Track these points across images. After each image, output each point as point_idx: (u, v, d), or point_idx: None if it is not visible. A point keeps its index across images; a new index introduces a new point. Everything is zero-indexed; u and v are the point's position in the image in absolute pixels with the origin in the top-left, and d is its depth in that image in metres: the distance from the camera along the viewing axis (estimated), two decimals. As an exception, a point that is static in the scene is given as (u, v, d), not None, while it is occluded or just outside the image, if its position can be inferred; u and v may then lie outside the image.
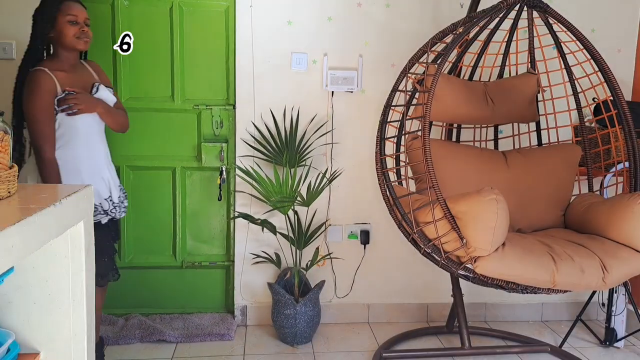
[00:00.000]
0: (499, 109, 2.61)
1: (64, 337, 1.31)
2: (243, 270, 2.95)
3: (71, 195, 1.24)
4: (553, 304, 3.17)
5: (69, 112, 2.08)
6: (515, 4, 2.35)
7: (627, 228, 2.13)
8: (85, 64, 2.29)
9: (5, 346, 1.21)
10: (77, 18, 2.11)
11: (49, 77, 2.06)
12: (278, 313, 2.75)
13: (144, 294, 2.99)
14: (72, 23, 2.10)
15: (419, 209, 2.14)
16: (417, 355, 2.63)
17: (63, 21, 2.09)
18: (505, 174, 2.58)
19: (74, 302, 1.30)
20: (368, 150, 2.86)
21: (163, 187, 2.94)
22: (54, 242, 1.24)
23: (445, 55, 2.20)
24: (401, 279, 3.06)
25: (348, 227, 2.99)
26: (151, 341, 2.74)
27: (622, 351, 2.80)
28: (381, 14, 2.86)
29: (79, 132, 2.14)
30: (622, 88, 2.40)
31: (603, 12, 2.99)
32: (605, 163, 2.67)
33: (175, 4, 2.79)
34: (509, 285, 2.10)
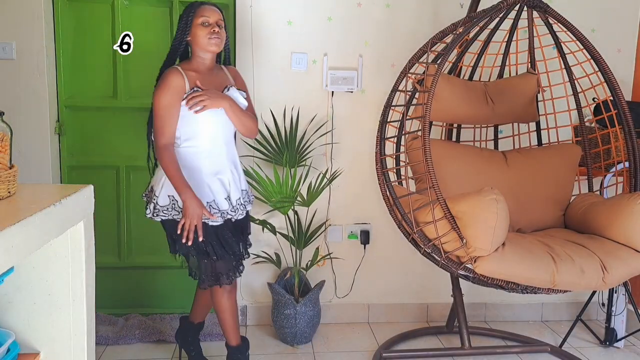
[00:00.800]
0: (499, 109, 2.61)
1: (64, 337, 1.32)
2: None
3: (71, 195, 1.24)
4: (553, 304, 3.17)
5: (195, 108, 2.07)
6: (515, 4, 2.35)
7: (627, 228, 2.13)
8: (224, 69, 2.30)
9: (5, 346, 1.22)
10: (209, 20, 2.13)
11: (179, 75, 2.11)
12: (278, 313, 2.75)
13: (144, 294, 2.99)
14: (205, 25, 2.12)
15: (419, 209, 2.14)
16: (417, 355, 2.63)
17: (197, 24, 2.13)
18: (505, 174, 2.58)
19: (74, 302, 1.30)
20: (368, 151, 2.86)
21: (163, 187, 2.94)
22: (54, 242, 1.24)
23: (445, 55, 2.20)
24: (401, 279, 3.06)
25: (348, 227, 2.99)
26: (151, 341, 2.74)
27: (622, 351, 2.80)
28: (381, 14, 2.86)
29: (203, 131, 2.13)
30: (622, 88, 2.40)
31: (603, 12, 2.99)
32: (605, 163, 2.67)
33: (175, 4, 2.79)
34: (509, 285, 2.10)
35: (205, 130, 2.14)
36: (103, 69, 2.82)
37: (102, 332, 2.72)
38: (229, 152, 2.21)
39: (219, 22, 2.15)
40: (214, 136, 2.16)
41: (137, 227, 2.95)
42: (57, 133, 2.80)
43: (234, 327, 2.28)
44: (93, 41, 2.79)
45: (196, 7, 2.17)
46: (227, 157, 2.20)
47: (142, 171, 2.92)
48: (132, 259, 2.97)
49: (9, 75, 2.66)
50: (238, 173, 2.25)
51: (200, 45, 2.15)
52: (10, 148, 1.24)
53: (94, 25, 2.79)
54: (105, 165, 2.89)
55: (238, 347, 2.30)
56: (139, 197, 2.93)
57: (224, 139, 2.19)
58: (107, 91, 2.84)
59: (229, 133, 2.21)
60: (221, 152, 2.18)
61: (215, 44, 2.13)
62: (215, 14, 2.16)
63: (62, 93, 2.80)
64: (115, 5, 2.77)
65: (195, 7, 2.17)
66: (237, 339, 2.30)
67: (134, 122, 2.87)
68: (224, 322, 2.28)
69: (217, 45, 2.14)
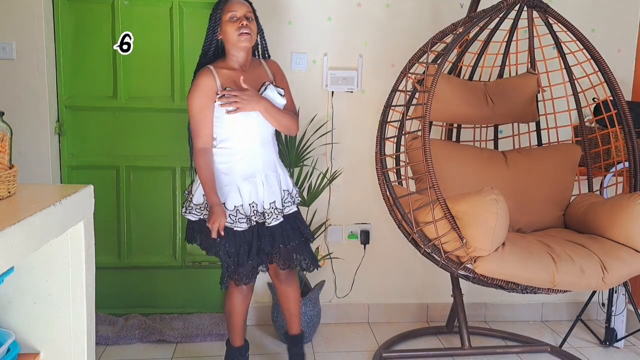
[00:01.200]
0: (499, 109, 2.61)
1: (64, 337, 1.32)
2: (243, 270, 2.94)
3: (71, 195, 1.24)
4: (553, 304, 3.17)
5: (228, 108, 2.04)
6: (515, 4, 2.35)
7: (627, 228, 2.13)
8: (263, 63, 2.22)
9: (5, 346, 1.22)
10: (237, 14, 2.07)
11: (210, 75, 2.07)
12: (278, 313, 2.75)
13: (144, 294, 2.99)
14: (233, 20, 2.07)
15: (419, 209, 2.14)
16: (417, 355, 2.63)
17: (225, 20, 2.08)
18: (505, 174, 2.58)
19: (74, 302, 1.30)
20: (368, 151, 2.86)
21: (163, 187, 2.94)
22: (54, 242, 1.24)
23: (445, 55, 2.20)
24: (401, 279, 3.06)
25: (348, 227, 2.99)
26: (151, 341, 2.74)
27: (622, 351, 2.80)
28: (381, 14, 2.86)
29: (237, 133, 2.09)
30: (622, 88, 2.40)
31: (603, 12, 2.99)
32: (605, 163, 2.67)
33: (175, 4, 2.79)
34: (509, 285, 2.10)
35: (240, 132, 2.10)
36: (103, 69, 2.82)
37: (102, 332, 2.71)
38: (266, 154, 2.14)
39: (247, 14, 2.09)
40: (249, 138, 2.11)
41: (137, 227, 2.95)
42: (57, 133, 2.80)
43: (240, 330, 2.30)
44: (93, 41, 2.79)
45: (223, 2, 2.11)
46: (262, 159, 2.13)
47: (142, 171, 2.92)
48: (132, 259, 2.97)
49: (9, 75, 2.66)
50: (277, 174, 2.17)
51: (230, 42, 2.09)
52: (10, 148, 1.24)
53: (94, 25, 2.79)
54: (105, 165, 2.89)
55: (239, 348, 2.33)
56: (139, 197, 2.94)
57: (261, 140, 2.13)
58: (107, 91, 2.84)
59: (266, 134, 2.14)
60: (256, 155, 2.11)
61: (246, 39, 2.06)
62: (243, 7, 2.10)
63: (62, 93, 2.80)
64: (115, 5, 2.77)
65: (222, 2, 2.11)
66: (241, 341, 2.32)
67: (134, 122, 2.88)
68: (232, 324, 2.29)
69: (247, 41, 2.07)
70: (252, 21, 2.11)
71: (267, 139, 2.16)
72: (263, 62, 2.22)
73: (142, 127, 2.88)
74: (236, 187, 2.08)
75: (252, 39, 2.09)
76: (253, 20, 2.12)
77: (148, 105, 2.87)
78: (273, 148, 2.19)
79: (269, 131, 2.16)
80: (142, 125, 2.88)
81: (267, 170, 2.14)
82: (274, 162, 2.18)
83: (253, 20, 2.12)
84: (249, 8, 2.12)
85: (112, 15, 2.77)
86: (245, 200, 2.09)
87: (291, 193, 2.21)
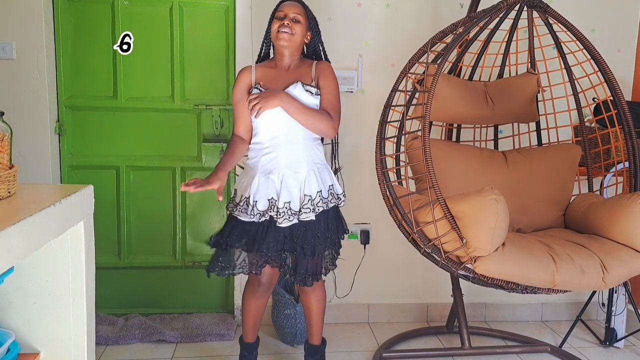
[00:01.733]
0: (499, 109, 2.61)
1: (64, 337, 1.32)
2: (243, 270, 2.94)
3: (71, 195, 1.24)
4: (553, 304, 3.17)
5: (253, 114, 2.06)
6: (515, 4, 2.35)
7: (627, 228, 2.13)
8: (313, 65, 2.16)
9: (5, 346, 1.22)
10: (282, 13, 2.11)
11: (248, 71, 2.17)
12: (278, 313, 2.75)
13: (144, 294, 2.99)
14: (278, 18, 2.11)
15: (419, 209, 2.14)
16: (417, 355, 2.63)
17: (274, 19, 2.13)
18: (505, 174, 2.58)
19: (74, 302, 1.30)
20: (368, 150, 2.86)
21: (163, 187, 2.94)
22: (54, 242, 1.24)
23: (445, 55, 2.20)
24: (401, 279, 3.06)
25: (348, 227, 2.98)
26: (151, 341, 2.74)
27: (622, 351, 2.80)
28: (381, 14, 2.86)
29: (261, 129, 2.11)
30: (622, 88, 2.40)
31: (603, 12, 2.99)
32: (605, 163, 2.67)
33: (175, 4, 2.79)
34: (509, 285, 2.10)
35: (263, 129, 2.10)
36: (103, 69, 2.82)
37: (102, 332, 2.71)
38: (292, 153, 2.08)
39: (295, 16, 2.10)
40: (273, 135, 2.09)
41: (137, 227, 2.95)
42: (57, 133, 2.80)
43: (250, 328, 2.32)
44: (93, 41, 2.80)
45: (278, 4, 2.16)
46: (286, 158, 2.08)
47: (142, 171, 2.92)
48: (132, 259, 2.97)
49: (9, 75, 2.66)
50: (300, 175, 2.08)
51: (273, 39, 2.14)
52: (10, 148, 1.24)
53: (94, 25, 2.79)
54: (105, 165, 2.89)
55: (247, 344, 2.36)
56: (139, 197, 2.94)
57: (285, 138, 2.08)
58: (107, 91, 2.84)
59: (292, 132, 2.09)
60: (279, 152, 2.08)
61: (283, 37, 2.07)
62: (293, 8, 2.12)
63: (62, 93, 2.80)
64: (115, 5, 2.77)
65: (277, 5, 2.17)
66: (251, 338, 2.35)
67: (134, 122, 2.88)
68: (243, 320, 2.32)
69: (284, 40, 2.08)
70: (299, 23, 2.11)
71: (295, 137, 2.09)
72: (313, 64, 2.17)
73: (142, 127, 2.88)
74: (256, 180, 2.07)
75: (291, 39, 2.09)
76: (301, 22, 2.11)
77: (148, 105, 2.87)
78: (303, 148, 2.10)
79: (297, 130, 2.09)
80: (142, 125, 2.88)
81: (289, 169, 2.08)
82: (302, 162, 2.09)
83: (301, 22, 2.11)
84: (301, 10, 2.13)
85: (112, 15, 2.77)
86: (259, 194, 2.05)
87: (313, 200, 2.07)
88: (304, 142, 2.10)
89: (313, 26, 2.19)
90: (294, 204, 2.05)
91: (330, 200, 2.14)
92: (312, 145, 2.13)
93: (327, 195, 2.13)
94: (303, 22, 2.12)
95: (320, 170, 2.13)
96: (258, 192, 2.06)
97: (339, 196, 2.19)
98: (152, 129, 2.89)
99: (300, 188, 2.07)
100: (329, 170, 2.19)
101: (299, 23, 2.11)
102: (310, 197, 2.07)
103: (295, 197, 2.06)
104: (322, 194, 2.10)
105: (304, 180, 2.08)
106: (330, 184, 2.16)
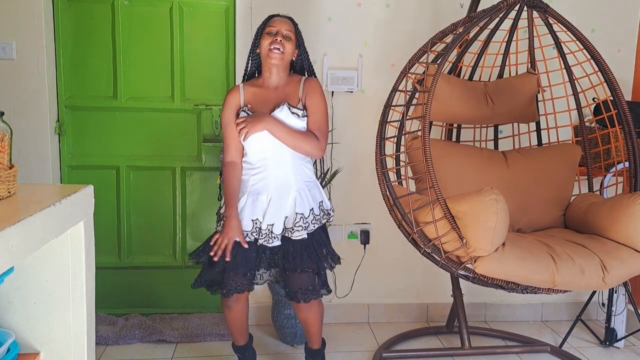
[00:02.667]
0: (499, 109, 2.61)
1: (64, 337, 1.32)
2: (243, 270, 2.95)
3: (71, 195, 1.24)
4: (553, 304, 3.17)
5: (241, 137, 2.07)
6: (515, 4, 2.35)
7: (627, 228, 2.13)
8: (301, 82, 2.16)
9: (5, 346, 1.22)
10: (274, 29, 2.09)
11: (236, 92, 2.16)
12: (278, 313, 2.75)
13: (144, 294, 2.99)
14: (269, 34, 2.09)
15: (419, 209, 2.14)
16: (417, 355, 2.63)
17: (264, 34, 2.11)
18: (505, 174, 2.58)
19: (74, 302, 1.30)
20: (368, 151, 2.86)
21: (163, 187, 2.94)
22: (54, 242, 1.24)
23: (445, 55, 2.20)
24: (401, 279, 3.06)
25: (348, 227, 2.99)
26: (151, 341, 2.74)
27: (622, 351, 2.80)
28: (381, 14, 2.86)
29: (250, 150, 2.12)
30: (622, 88, 2.40)
31: (603, 12, 2.99)
32: (605, 163, 2.67)
33: (175, 4, 2.80)
34: (509, 285, 2.09)
35: (252, 150, 2.11)
36: (103, 69, 2.82)
37: (102, 332, 2.72)
38: (280, 174, 2.09)
39: (286, 32, 2.09)
40: (261, 156, 2.10)
41: (137, 227, 2.95)
42: (57, 133, 2.80)
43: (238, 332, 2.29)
44: (93, 41, 2.80)
45: (267, 19, 2.15)
46: (274, 179, 2.09)
47: (142, 171, 2.92)
48: (132, 259, 2.97)
49: (9, 75, 2.66)
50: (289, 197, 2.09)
51: (262, 56, 2.12)
52: (10, 148, 1.24)
53: (94, 25, 2.79)
54: (105, 165, 2.89)
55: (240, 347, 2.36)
56: (139, 197, 2.94)
57: (274, 158, 2.09)
58: (107, 91, 2.84)
59: (281, 153, 2.09)
60: (268, 173, 2.09)
61: (275, 56, 2.07)
62: (284, 24, 2.11)
63: (62, 93, 2.80)
64: (115, 5, 2.77)
65: (266, 19, 2.16)
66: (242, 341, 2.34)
67: (134, 122, 2.88)
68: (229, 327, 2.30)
69: (276, 59, 2.07)
70: (290, 41, 2.11)
71: (283, 158, 2.10)
72: (301, 81, 2.17)
73: (142, 127, 2.89)
74: (242, 200, 2.10)
75: (282, 57, 2.09)
76: (291, 40, 2.12)
77: (148, 105, 2.87)
78: (292, 168, 2.12)
79: (286, 151, 2.09)
80: (142, 125, 2.88)
81: (277, 190, 2.09)
82: (291, 183, 2.11)
83: (291, 40, 2.12)
84: (291, 27, 2.13)
85: (112, 15, 2.78)
86: (246, 216, 2.08)
87: (306, 218, 2.09)
88: (292, 161, 2.12)
89: (301, 43, 2.19)
90: (276, 227, 2.07)
91: (322, 217, 2.17)
92: (301, 165, 2.15)
93: (319, 212, 2.15)
94: (293, 39, 2.13)
95: (310, 188, 2.16)
96: (244, 211, 2.09)
97: (328, 212, 2.21)
98: (152, 129, 2.89)
99: (289, 209, 2.09)
100: (318, 187, 2.21)
101: (290, 41, 2.11)
102: (302, 216, 2.09)
103: (279, 220, 2.08)
104: (314, 211, 2.13)
105: (294, 200, 2.10)
106: (320, 200, 2.18)
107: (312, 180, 2.19)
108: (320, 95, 2.15)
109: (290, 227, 2.08)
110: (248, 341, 2.38)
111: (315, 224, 2.12)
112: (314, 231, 2.12)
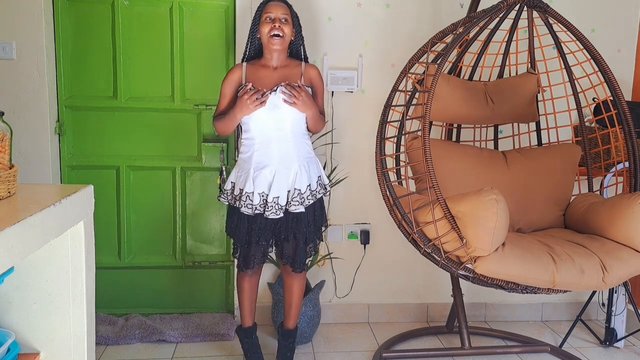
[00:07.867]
0: (499, 109, 2.61)
1: (64, 337, 1.32)
2: (243, 270, 2.94)
3: (71, 195, 1.24)
4: (553, 304, 3.17)
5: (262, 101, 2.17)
6: (515, 4, 2.35)
7: (627, 228, 2.13)
8: (302, 65, 2.31)
9: (5, 346, 1.22)
10: (271, 15, 2.19)
11: (238, 70, 2.29)
12: (278, 313, 2.75)
13: (144, 294, 2.99)
14: (267, 20, 2.20)
15: (419, 209, 2.14)
16: (417, 355, 2.63)
17: (262, 21, 2.22)
18: (505, 174, 2.58)
19: (74, 302, 1.30)
20: (368, 151, 2.87)
21: (163, 187, 2.94)
22: (54, 242, 1.24)
23: (445, 55, 2.20)
24: (401, 279, 3.06)
25: (348, 227, 2.99)
26: (151, 341, 2.74)
27: (622, 351, 2.80)
28: (381, 14, 2.86)
29: (252, 125, 2.22)
30: (622, 88, 2.40)
31: (603, 12, 2.99)
32: (605, 163, 2.67)
33: (175, 4, 2.79)
34: (509, 285, 2.10)
35: (254, 125, 2.21)
36: (103, 69, 2.82)
37: (102, 332, 2.72)
38: (282, 149, 2.21)
39: (283, 16, 2.20)
40: (263, 131, 2.21)
41: (137, 227, 2.95)
42: (57, 133, 2.80)
43: (247, 310, 2.44)
44: (93, 41, 2.79)
45: (263, 4, 2.25)
46: (277, 154, 2.21)
47: (142, 171, 2.92)
48: (132, 259, 2.97)
49: (9, 75, 2.66)
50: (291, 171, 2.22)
51: (263, 42, 2.24)
52: (10, 148, 1.24)
53: (94, 25, 2.79)
54: (105, 165, 2.89)
55: (246, 329, 2.46)
56: (139, 197, 2.94)
57: (277, 134, 2.21)
58: (107, 91, 2.84)
59: (283, 129, 2.21)
60: (271, 148, 2.21)
61: (276, 42, 2.20)
62: (280, 8, 2.22)
63: (62, 93, 2.80)
64: (115, 5, 2.77)
65: (262, 5, 2.25)
66: (249, 322, 2.46)
67: (134, 122, 2.88)
68: (240, 303, 2.44)
69: (277, 44, 2.20)
70: (287, 23, 2.22)
71: (285, 134, 2.22)
72: (302, 65, 2.32)
73: (142, 127, 2.88)
74: (250, 176, 2.20)
75: (283, 41, 2.22)
76: (289, 22, 2.23)
77: (148, 105, 2.87)
78: (293, 144, 2.24)
79: (288, 127, 2.22)
80: (142, 125, 2.88)
81: (281, 164, 2.21)
82: (293, 158, 2.23)
83: (289, 22, 2.23)
84: (286, 10, 2.23)
85: (112, 15, 2.77)
86: (255, 189, 2.19)
87: (303, 194, 2.22)
88: (293, 138, 2.24)
89: (297, 24, 2.30)
90: (282, 199, 2.20)
91: (318, 192, 2.30)
92: (302, 141, 2.27)
93: (316, 186, 2.28)
94: (290, 21, 2.24)
95: (309, 163, 2.28)
96: (252, 186, 2.20)
97: (325, 186, 2.34)
98: (152, 129, 2.89)
99: (291, 182, 2.22)
100: (317, 162, 2.34)
101: (287, 23, 2.22)
102: (299, 191, 2.22)
103: (284, 192, 2.21)
104: (311, 187, 2.25)
105: (295, 174, 2.22)
106: (318, 175, 2.30)
107: (311, 155, 2.31)
108: (322, 80, 2.36)
109: (288, 202, 2.22)
110: (254, 324, 2.48)
111: (311, 199, 2.25)
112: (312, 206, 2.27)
